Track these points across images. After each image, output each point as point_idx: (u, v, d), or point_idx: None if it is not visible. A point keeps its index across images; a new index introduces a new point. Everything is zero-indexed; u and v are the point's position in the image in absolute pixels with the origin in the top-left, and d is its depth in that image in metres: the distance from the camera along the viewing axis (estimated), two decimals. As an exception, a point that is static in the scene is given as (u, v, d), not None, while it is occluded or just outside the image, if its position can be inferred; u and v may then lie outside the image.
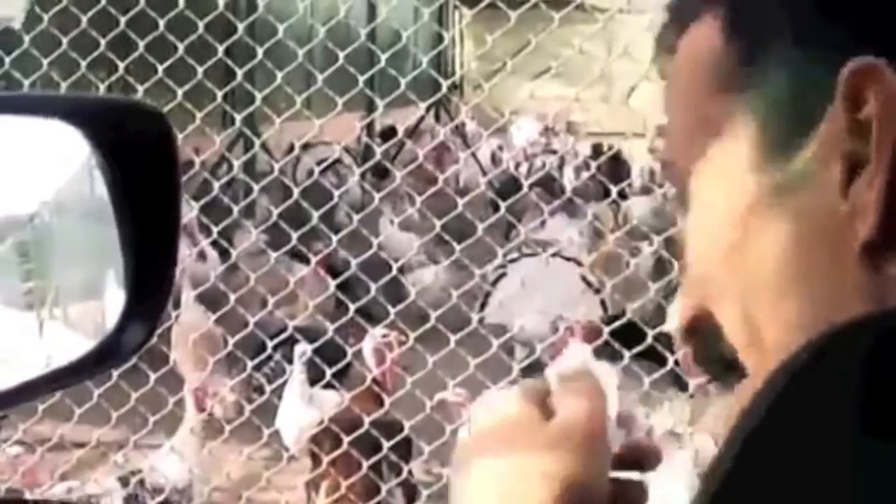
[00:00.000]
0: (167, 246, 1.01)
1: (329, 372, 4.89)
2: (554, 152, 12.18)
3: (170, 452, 5.02)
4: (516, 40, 5.64)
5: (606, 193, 7.46)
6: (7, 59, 4.81)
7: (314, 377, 5.39)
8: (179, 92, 4.50)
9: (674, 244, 6.33)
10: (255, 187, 5.37)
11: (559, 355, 5.46)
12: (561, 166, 11.37)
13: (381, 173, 9.44)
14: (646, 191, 10.05)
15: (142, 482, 4.90)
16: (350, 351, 5.06)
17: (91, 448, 5.01)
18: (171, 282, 1.03)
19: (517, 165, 11.60)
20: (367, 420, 4.47)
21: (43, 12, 4.75)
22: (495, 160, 11.78)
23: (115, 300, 1.05)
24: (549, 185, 9.01)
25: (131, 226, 0.98)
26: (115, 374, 4.27)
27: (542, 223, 7.98)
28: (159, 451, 5.07)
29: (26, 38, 4.77)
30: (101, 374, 1.02)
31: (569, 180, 9.83)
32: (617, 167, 9.81)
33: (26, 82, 4.94)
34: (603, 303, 6.40)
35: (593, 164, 5.56)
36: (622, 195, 8.08)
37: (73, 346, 1.06)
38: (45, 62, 4.76)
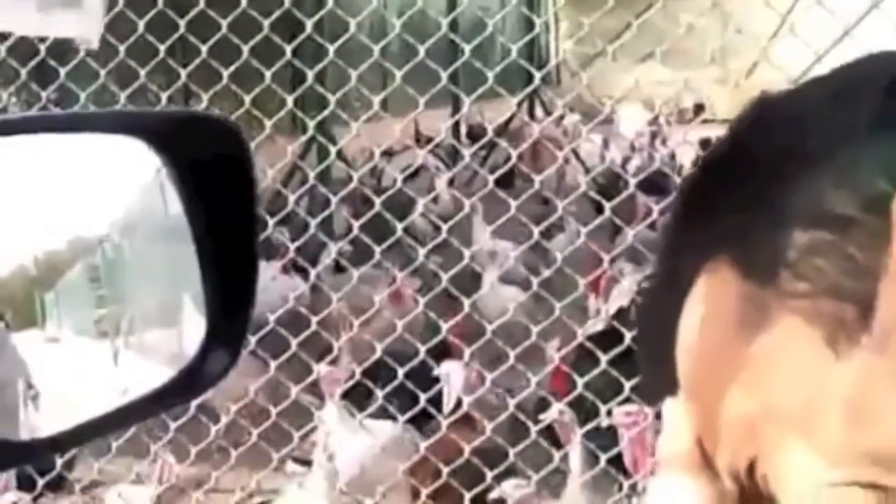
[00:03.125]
0: (247, 265, 1.05)
1: (423, 397, 4.89)
2: (664, 144, 12.10)
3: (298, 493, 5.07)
4: (617, 20, 5.63)
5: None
6: (63, 71, 4.92)
7: (404, 405, 5.37)
8: (247, 99, 4.57)
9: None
10: (332, 198, 5.40)
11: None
12: (673, 158, 11.30)
13: (473, 176, 9.48)
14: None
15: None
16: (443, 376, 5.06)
17: (168, 487, 5.14)
18: (252, 303, 1.07)
19: (624, 161, 11.54)
20: (466, 449, 4.54)
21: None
22: (603, 157, 11.71)
23: (192, 326, 1.10)
24: (659, 182, 8.96)
25: (209, 245, 1.03)
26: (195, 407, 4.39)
27: (653, 225, 7.94)
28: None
29: (81, 48, 4.86)
30: (183, 404, 1.03)
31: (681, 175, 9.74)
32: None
33: (83, 94, 5.04)
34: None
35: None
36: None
37: (151, 374, 1.11)
38: (102, 72, 4.86)
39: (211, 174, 1.03)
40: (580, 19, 5.36)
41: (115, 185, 1.13)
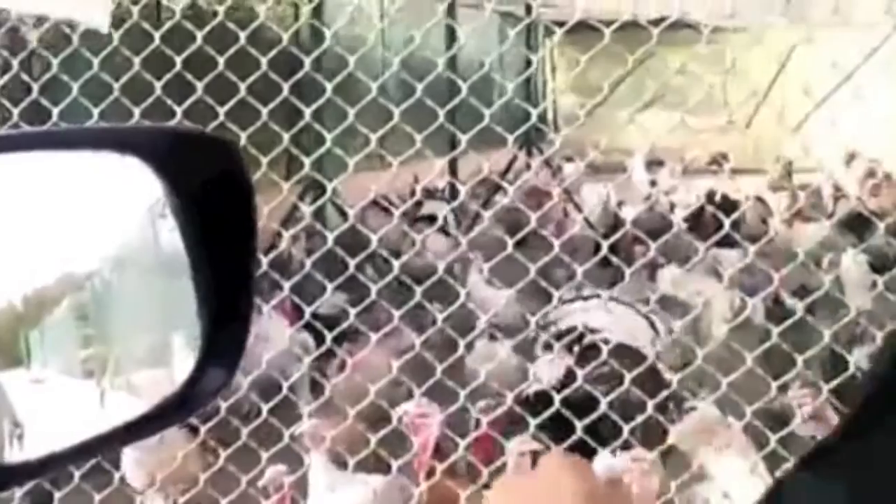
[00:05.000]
0: (244, 282, 1.03)
1: (416, 442, 4.87)
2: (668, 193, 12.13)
3: None
4: (618, 67, 5.64)
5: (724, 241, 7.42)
6: (55, 111, 4.89)
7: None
8: (243, 136, 4.54)
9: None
10: (329, 236, 5.36)
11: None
12: (673, 207, 11.34)
13: (473, 221, 9.51)
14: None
15: None
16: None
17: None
18: (249, 321, 1.04)
19: (619, 204, 11.58)
20: (462, 495, 4.52)
21: (93, 56, 4.83)
22: (607, 207, 11.73)
23: (182, 366, 1.08)
24: (662, 233, 8.98)
25: (205, 261, 1.00)
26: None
27: (653, 275, 7.97)
28: None
29: (74, 87, 4.84)
30: (176, 423, 1.01)
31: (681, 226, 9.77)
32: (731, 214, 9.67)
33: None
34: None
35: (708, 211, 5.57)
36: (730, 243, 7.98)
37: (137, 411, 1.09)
38: (95, 111, 4.84)
39: (208, 190, 1.00)
40: (577, 65, 5.33)
41: (106, 214, 1.10)
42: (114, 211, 1.10)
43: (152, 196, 1.04)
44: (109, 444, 1.08)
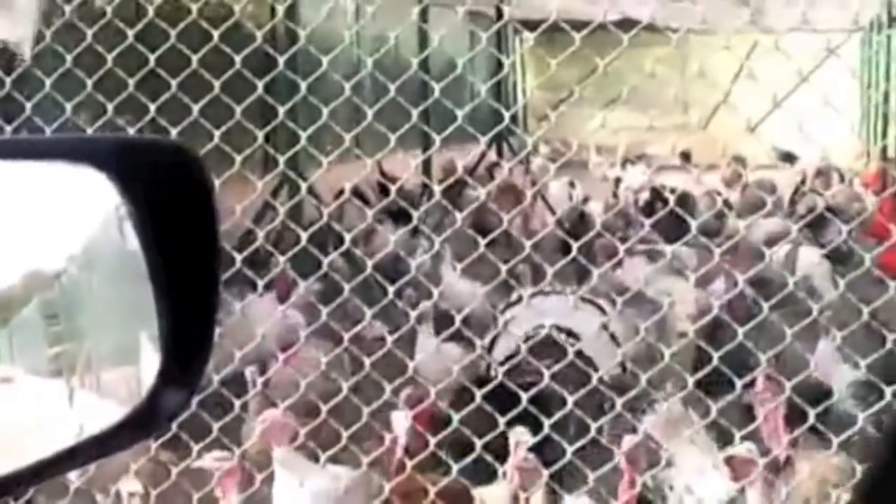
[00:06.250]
0: (207, 301, 0.99)
1: (390, 437, 4.85)
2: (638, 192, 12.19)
3: None
4: (584, 67, 5.64)
5: (681, 236, 7.45)
6: (28, 105, 4.84)
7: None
8: (216, 133, 4.51)
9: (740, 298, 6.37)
10: (303, 235, 5.34)
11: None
12: (636, 203, 11.38)
13: (442, 218, 9.49)
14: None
15: None
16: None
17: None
18: (211, 340, 1.01)
19: (585, 200, 11.59)
20: (431, 490, 4.50)
21: (66, 52, 4.77)
22: (575, 203, 11.75)
23: (151, 364, 1.04)
24: (628, 227, 9.01)
25: (165, 278, 0.97)
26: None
27: (616, 266, 7.96)
28: None
29: (47, 82, 4.79)
30: (138, 442, 0.98)
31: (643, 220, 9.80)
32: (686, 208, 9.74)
33: (48, 129, 4.95)
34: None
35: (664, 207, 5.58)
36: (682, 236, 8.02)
37: (107, 413, 1.05)
38: (68, 106, 4.78)
39: (167, 204, 0.95)
40: (548, 63, 5.33)
41: (74, 216, 1.07)
42: (80, 211, 1.07)
43: (116, 197, 1.01)
44: (66, 464, 1.04)
